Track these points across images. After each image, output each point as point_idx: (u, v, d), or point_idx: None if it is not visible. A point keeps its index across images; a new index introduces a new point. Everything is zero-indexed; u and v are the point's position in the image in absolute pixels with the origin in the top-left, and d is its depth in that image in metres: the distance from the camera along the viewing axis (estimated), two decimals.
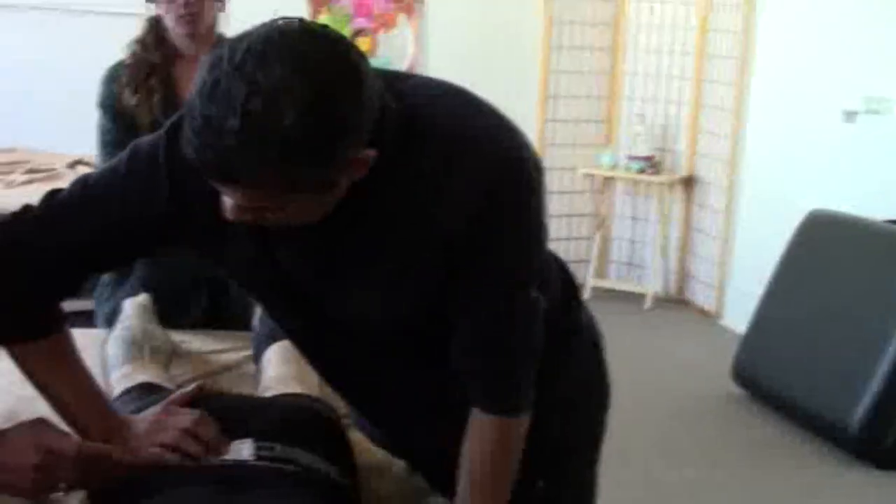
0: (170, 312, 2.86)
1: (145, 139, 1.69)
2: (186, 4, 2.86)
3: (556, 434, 1.85)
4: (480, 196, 1.52)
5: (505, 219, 1.56)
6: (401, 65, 6.58)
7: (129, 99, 2.93)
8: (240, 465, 1.78)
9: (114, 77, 2.99)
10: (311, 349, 1.92)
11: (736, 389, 5.05)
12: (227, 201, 1.45)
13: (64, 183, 4.51)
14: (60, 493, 1.75)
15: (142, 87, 2.93)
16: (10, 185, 4.86)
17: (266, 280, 1.73)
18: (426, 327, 1.68)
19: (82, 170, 5.13)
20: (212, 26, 2.98)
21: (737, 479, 4.20)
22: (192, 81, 1.38)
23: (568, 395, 1.89)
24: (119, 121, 2.96)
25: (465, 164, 1.52)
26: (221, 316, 3.04)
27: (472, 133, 1.55)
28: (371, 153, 1.43)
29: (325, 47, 1.37)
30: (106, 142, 2.99)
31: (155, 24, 2.98)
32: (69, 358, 1.83)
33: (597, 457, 2.07)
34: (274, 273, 1.68)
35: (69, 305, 1.83)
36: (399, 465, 2.17)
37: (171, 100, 2.94)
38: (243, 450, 1.81)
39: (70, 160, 5.26)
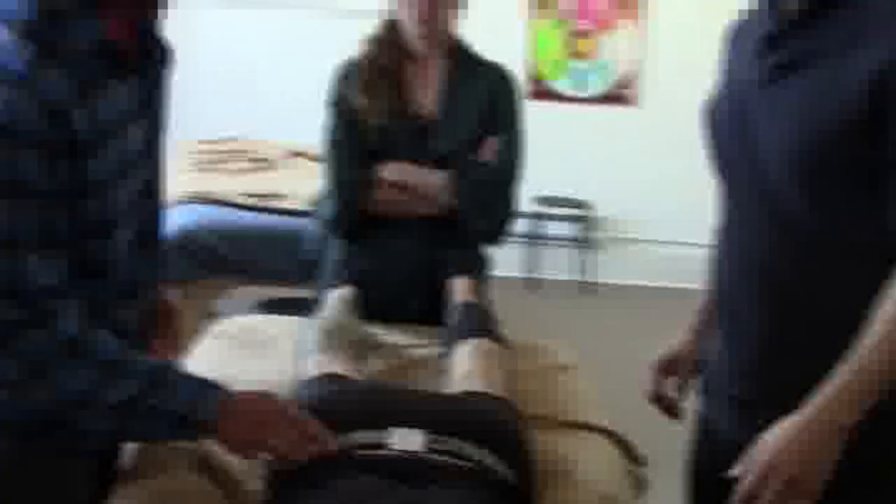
0: (384, 309, 2.83)
1: None
2: (428, 6, 2.75)
3: None
4: None
5: None
6: (622, 68, 6.52)
7: (358, 100, 2.85)
8: (413, 457, 1.77)
9: (345, 75, 2.89)
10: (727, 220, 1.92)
11: None
12: None
13: (282, 173, 4.51)
14: (259, 460, 1.80)
15: (371, 89, 2.83)
16: (230, 173, 4.98)
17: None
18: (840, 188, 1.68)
19: (301, 161, 5.25)
20: (448, 31, 2.86)
21: None
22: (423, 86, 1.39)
23: None
24: (343, 120, 2.87)
25: None
26: (434, 319, 2.83)
27: None
28: None
29: None
30: (327, 141, 2.89)
31: (391, 25, 2.86)
32: None
33: None
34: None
35: (295, 293, 1.88)
36: (584, 470, 2.11)
37: (397, 104, 2.84)
38: (416, 440, 1.81)
39: (289, 151, 5.39)
